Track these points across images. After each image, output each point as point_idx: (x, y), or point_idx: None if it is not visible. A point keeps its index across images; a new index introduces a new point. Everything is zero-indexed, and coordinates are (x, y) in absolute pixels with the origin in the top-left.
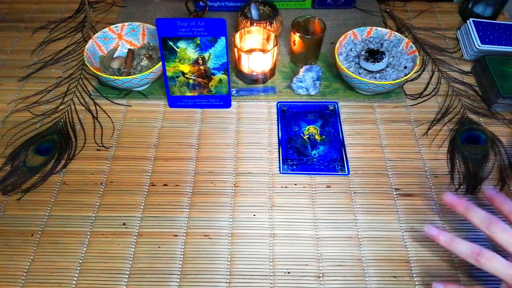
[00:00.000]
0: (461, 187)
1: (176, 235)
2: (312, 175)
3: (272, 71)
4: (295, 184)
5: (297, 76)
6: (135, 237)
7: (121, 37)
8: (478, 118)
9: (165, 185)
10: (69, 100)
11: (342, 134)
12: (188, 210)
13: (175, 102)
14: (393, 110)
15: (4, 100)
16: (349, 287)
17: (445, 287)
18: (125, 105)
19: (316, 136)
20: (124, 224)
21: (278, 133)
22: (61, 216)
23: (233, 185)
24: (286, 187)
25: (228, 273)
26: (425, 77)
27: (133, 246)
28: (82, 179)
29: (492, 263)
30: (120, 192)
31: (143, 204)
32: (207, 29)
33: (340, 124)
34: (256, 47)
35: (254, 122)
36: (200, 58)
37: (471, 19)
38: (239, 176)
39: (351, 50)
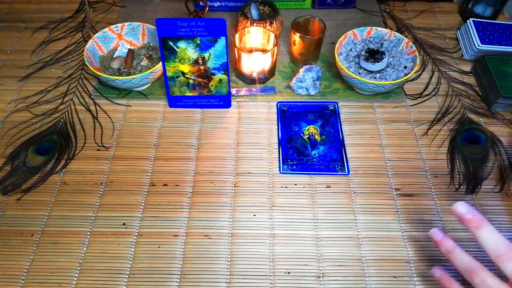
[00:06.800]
0: (461, 187)
1: (176, 235)
2: (312, 175)
3: (272, 71)
4: (295, 184)
5: (297, 76)
6: (135, 237)
7: (121, 37)
8: (478, 118)
9: (165, 185)
10: (69, 100)
11: (342, 134)
12: (188, 210)
13: (175, 102)
14: (393, 110)
15: (4, 100)
16: (349, 287)
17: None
18: (125, 105)
19: (316, 136)
20: (124, 224)
21: (278, 133)
22: (61, 216)
23: (233, 185)
24: (286, 187)
25: (228, 273)
26: (425, 77)
27: (133, 246)
28: (82, 179)
29: (483, 285)
30: (120, 192)
31: (143, 204)
32: (207, 29)
33: (340, 124)
34: (256, 47)
35: (254, 122)
36: (200, 58)
37: (471, 19)
38: (239, 176)
39: (351, 50)
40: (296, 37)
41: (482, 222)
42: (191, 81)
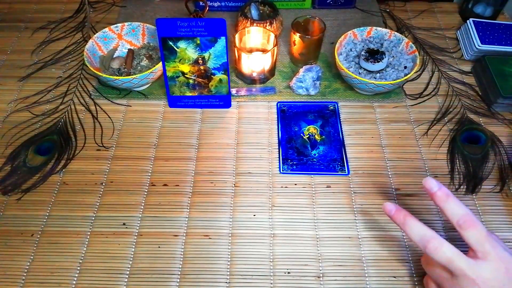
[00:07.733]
0: (461, 187)
1: (176, 235)
2: (312, 175)
3: (272, 71)
4: (295, 184)
5: (297, 76)
6: (135, 237)
7: (121, 37)
8: (478, 118)
9: (165, 185)
10: (69, 100)
11: (342, 134)
12: (188, 210)
13: (175, 102)
14: (393, 110)
15: (4, 100)
16: (349, 287)
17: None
18: (125, 105)
19: (316, 136)
20: (124, 224)
21: (278, 133)
22: (61, 216)
23: (233, 185)
24: (286, 187)
25: (228, 273)
26: (425, 77)
27: (133, 246)
28: (82, 179)
29: (438, 252)
30: (120, 192)
31: (143, 204)
32: (207, 29)
33: (340, 124)
34: (256, 47)
35: (254, 122)
36: (200, 58)
37: (471, 19)
38: (239, 176)
39: (351, 50)
40: (296, 37)
41: (448, 196)
42: (191, 81)
